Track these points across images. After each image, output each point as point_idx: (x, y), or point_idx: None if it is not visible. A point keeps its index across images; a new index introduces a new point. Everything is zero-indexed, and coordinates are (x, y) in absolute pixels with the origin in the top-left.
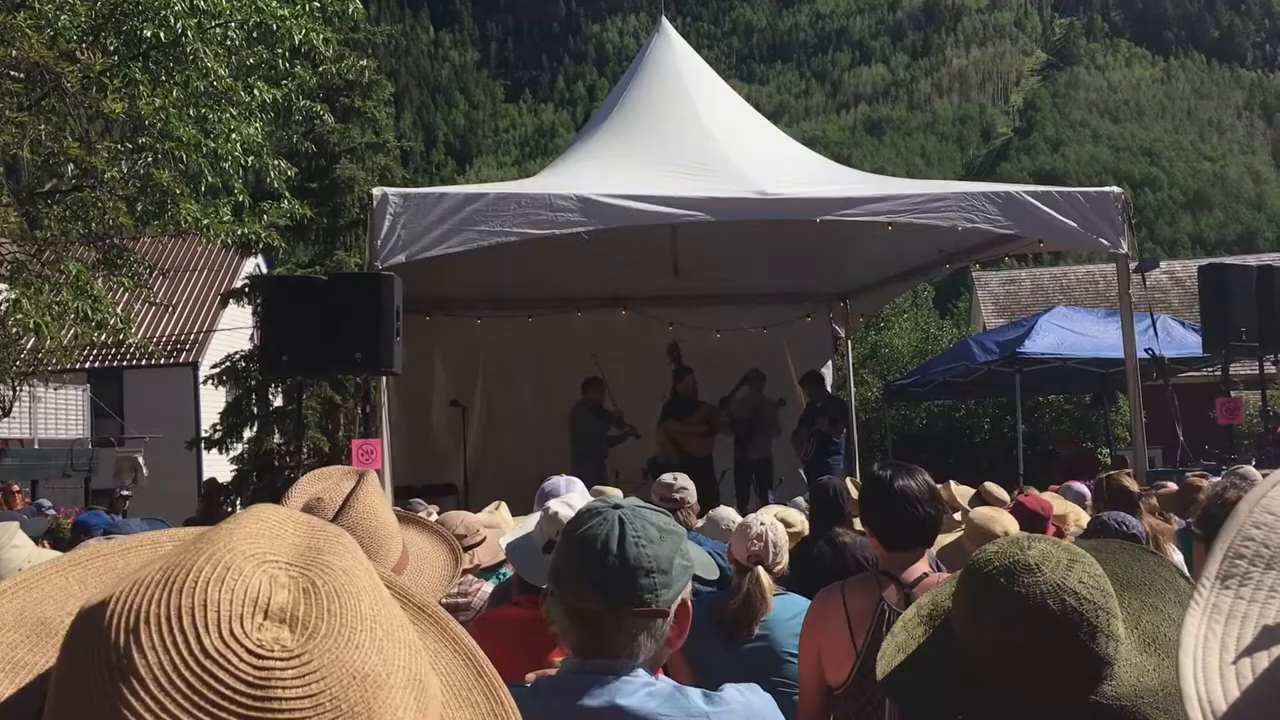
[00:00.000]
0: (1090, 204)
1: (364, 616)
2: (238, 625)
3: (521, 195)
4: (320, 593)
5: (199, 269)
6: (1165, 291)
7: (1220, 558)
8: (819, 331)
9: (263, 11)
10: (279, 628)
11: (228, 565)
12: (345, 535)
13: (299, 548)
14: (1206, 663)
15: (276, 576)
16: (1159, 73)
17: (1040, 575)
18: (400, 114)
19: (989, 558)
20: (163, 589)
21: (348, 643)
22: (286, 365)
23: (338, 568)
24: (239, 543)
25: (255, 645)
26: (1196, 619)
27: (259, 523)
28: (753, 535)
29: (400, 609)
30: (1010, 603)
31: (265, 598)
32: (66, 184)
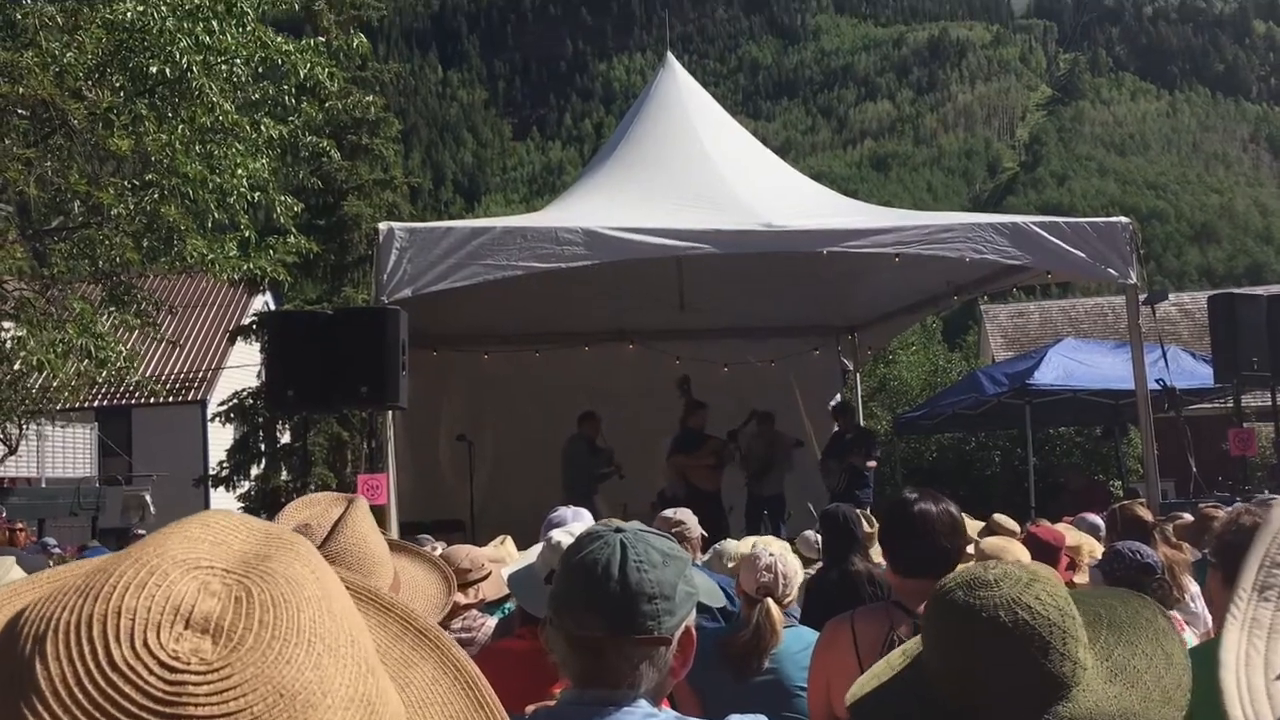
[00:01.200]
0: (1098, 234)
1: (301, 629)
2: (153, 635)
3: (527, 229)
4: (253, 602)
5: (207, 305)
6: (1175, 324)
7: (1256, 567)
8: (827, 364)
9: (268, 47)
10: (200, 638)
11: (152, 570)
12: (305, 544)
13: (244, 555)
14: (1252, 683)
15: (208, 583)
16: (1164, 106)
17: (997, 590)
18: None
19: (952, 577)
20: (79, 595)
21: (277, 656)
22: (292, 400)
23: (281, 575)
24: (173, 547)
25: (170, 657)
26: (1235, 634)
27: (203, 528)
28: (761, 566)
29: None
30: (964, 616)
31: (189, 606)
32: (73, 221)
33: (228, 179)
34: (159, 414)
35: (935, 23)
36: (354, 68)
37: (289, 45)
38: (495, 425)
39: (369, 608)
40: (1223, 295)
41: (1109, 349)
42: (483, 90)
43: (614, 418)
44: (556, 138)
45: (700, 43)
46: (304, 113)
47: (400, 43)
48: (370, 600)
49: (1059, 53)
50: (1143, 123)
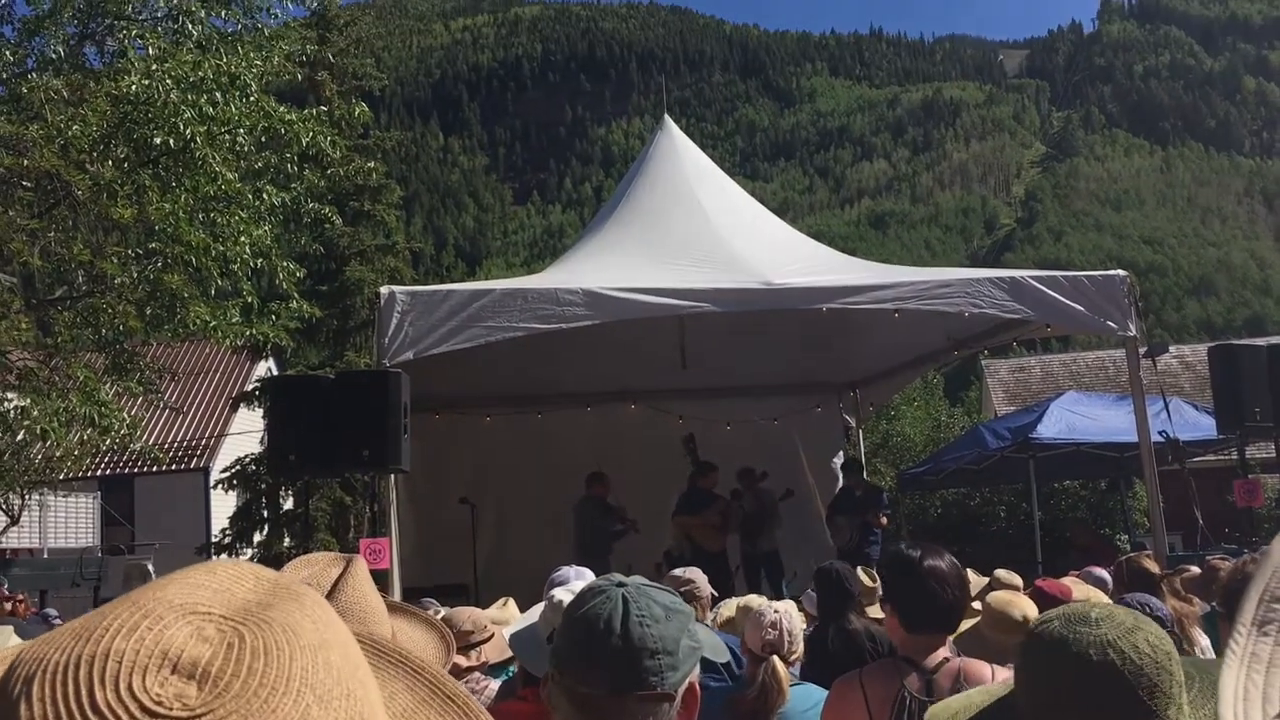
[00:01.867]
0: (1096, 287)
1: (291, 678)
2: (138, 678)
3: (528, 290)
4: (245, 648)
5: (210, 372)
6: (1176, 376)
7: (1256, 602)
8: (830, 421)
9: (271, 117)
10: (185, 684)
11: (146, 614)
12: (314, 596)
13: (245, 603)
14: (1250, 716)
15: (202, 629)
16: (1158, 162)
17: (1100, 629)
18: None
19: (1053, 614)
20: (74, 637)
21: (263, 705)
22: (294, 465)
23: (279, 623)
24: (172, 593)
25: (153, 701)
26: (1235, 668)
27: (208, 575)
28: (767, 624)
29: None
30: (1064, 651)
31: (179, 651)
32: (77, 291)
33: (230, 246)
34: (162, 482)
35: (929, 83)
36: (356, 136)
37: (292, 115)
38: (498, 488)
39: (398, 669)
40: (1223, 346)
41: (1111, 402)
42: (483, 156)
43: (617, 478)
44: (556, 201)
45: (697, 106)
46: (306, 180)
47: (401, 111)
48: (400, 662)
49: (1052, 111)
50: (1137, 178)
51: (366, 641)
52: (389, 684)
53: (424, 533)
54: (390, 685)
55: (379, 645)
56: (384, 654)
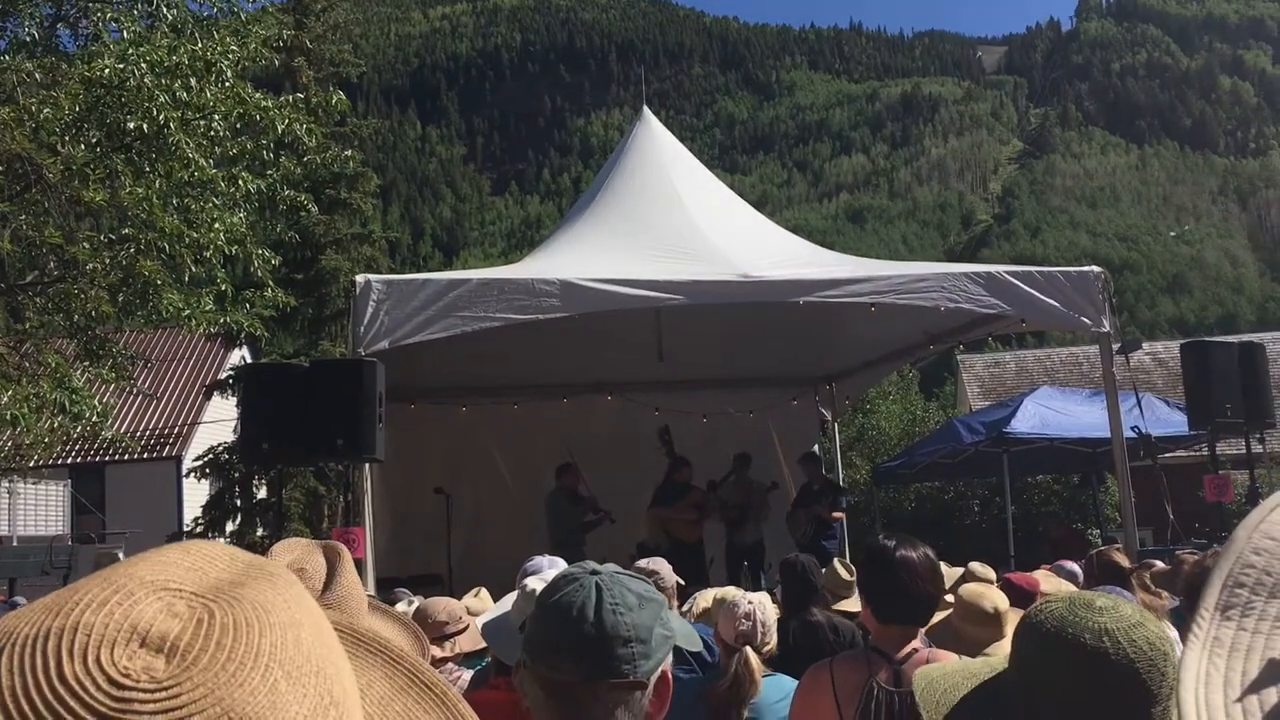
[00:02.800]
0: (1071, 283)
1: (260, 653)
2: (106, 651)
3: (504, 281)
4: (214, 623)
5: (183, 359)
6: (1149, 372)
7: (1219, 587)
8: (806, 414)
9: (246, 103)
10: (153, 657)
11: (117, 589)
12: (288, 576)
13: (218, 581)
14: (1210, 700)
15: (172, 605)
16: (1134, 160)
17: (1103, 617)
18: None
19: (1060, 595)
20: (44, 611)
21: (230, 679)
22: (267, 453)
23: (250, 600)
24: (144, 569)
25: (120, 674)
26: (1196, 652)
27: (182, 554)
28: (740, 615)
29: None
30: (1066, 635)
31: (148, 625)
32: (48, 276)
33: (204, 233)
34: (133, 470)
35: (908, 79)
36: (333, 124)
37: (267, 101)
38: (473, 479)
39: (377, 658)
40: (1195, 343)
41: (1084, 397)
42: (461, 146)
43: (593, 470)
44: (534, 192)
45: (677, 98)
46: (282, 167)
47: (379, 99)
48: (380, 650)
49: (1029, 108)
50: (1113, 176)
51: (345, 630)
52: (367, 672)
53: (398, 523)
54: (368, 674)
55: (358, 634)
56: (363, 642)
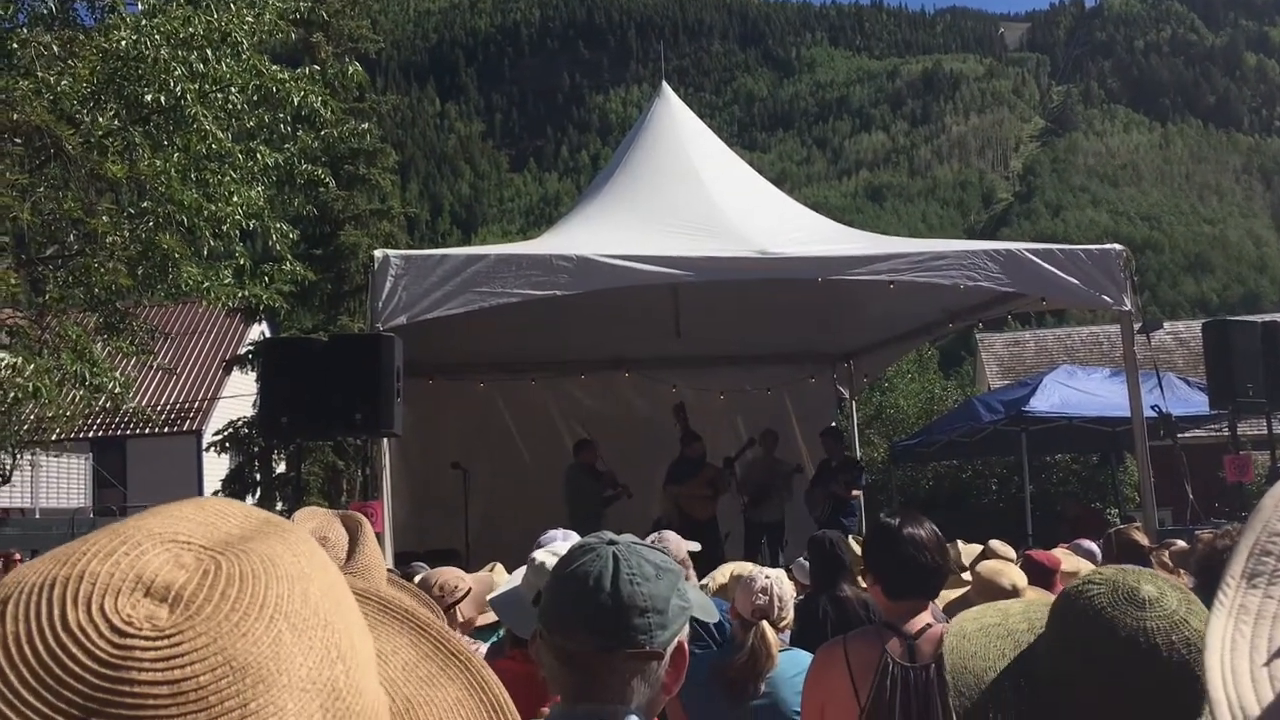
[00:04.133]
0: (1092, 261)
1: (265, 604)
2: (110, 600)
3: (522, 257)
4: (220, 574)
5: (204, 334)
6: (1170, 352)
7: (1246, 555)
8: (823, 392)
9: (263, 75)
10: (157, 606)
11: (125, 540)
12: (301, 532)
13: (228, 535)
14: (1236, 666)
15: (179, 556)
16: (1157, 138)
17: (1153, 611)
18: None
19: (1102, 579)
20: (54, 561)
21: (233, 628)
22: (286, 427)
23: (258, 553)
24: (155, 522)
25: (123, 622)
26: (1222, 620)
27: (196, 509)
28: (757, 589)
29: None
30: (1105, 627)
31: (153, 575)
32: (69, 249)
33: (222, 207)
34: (154, 444)
35: (929, 55)
36: (351, 99)
37: (284, 74)
38: (490, 454)
39: (405, 625)
40: (1217, 322)
41: (1104, 376)
42: (480, 122)
43: (610, 446)
44: (553, 169)
45: (696, 75)
46: (300, 141)
47: (398, 76)
48: (407, 618)
49: (1052, 85)
50: (1135, 154)
51: (373, 597)
52: (393, 639)
53: (416, 498)
54: (394, 640)
55: (385, 601)
56: (390, 610)
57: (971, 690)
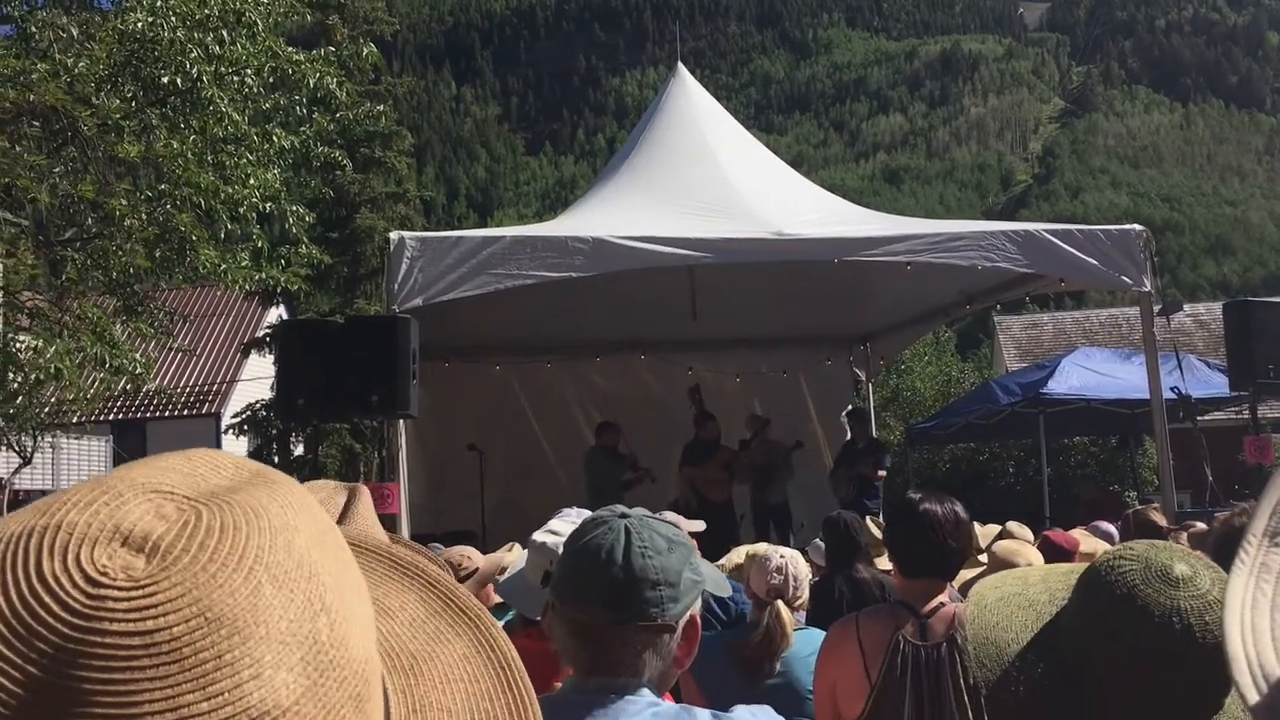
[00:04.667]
0: (1111, 242)
1: (245, 555)
2: (86, 550)
3: (537, 238)
4: (200, 525)
5: (222, 316)
6: (1189, 334)
7: (1268, 514)
8: (839, 374)
9: (279, 58)
10: (134, 556)
11: (105, 490)
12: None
13: (215, 487)
14: (1256, 625)
15: (161, 507)
16: (1178, 119)
17: (1187, 590)
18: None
19: (1133, 554)
20: (35, 511)
21: (210, 579)
22: (302, 409)
23: (242, 504)
24: (140, 473)
25: (97, 572)
26: (1243, 578)
27: (184, 460)
28: (772, 568)
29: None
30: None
31: (131, 525)
32: (87, 232)
33: (239, 189)
34: (173, 427)
35: (947, 36)
36: (367, 81)
37: (299, 55)
38: (507, 436)
39: (414, 581)
40: (1238, 302)
41: (1124, 358)
42: (496, 105)
43: (626, 428)
44: (569, 152)
45: (712, 57)
46: (316, 123)
47: (414, 59)
48: (417, 575)
49: (1072, 66)
50: (1156, 135)
51: (384, 553)
52: (401, 595)
53: (432, 480)
54: (402, 596)
55: (396, 557)
56: (400, 566)
57: (994, 663)
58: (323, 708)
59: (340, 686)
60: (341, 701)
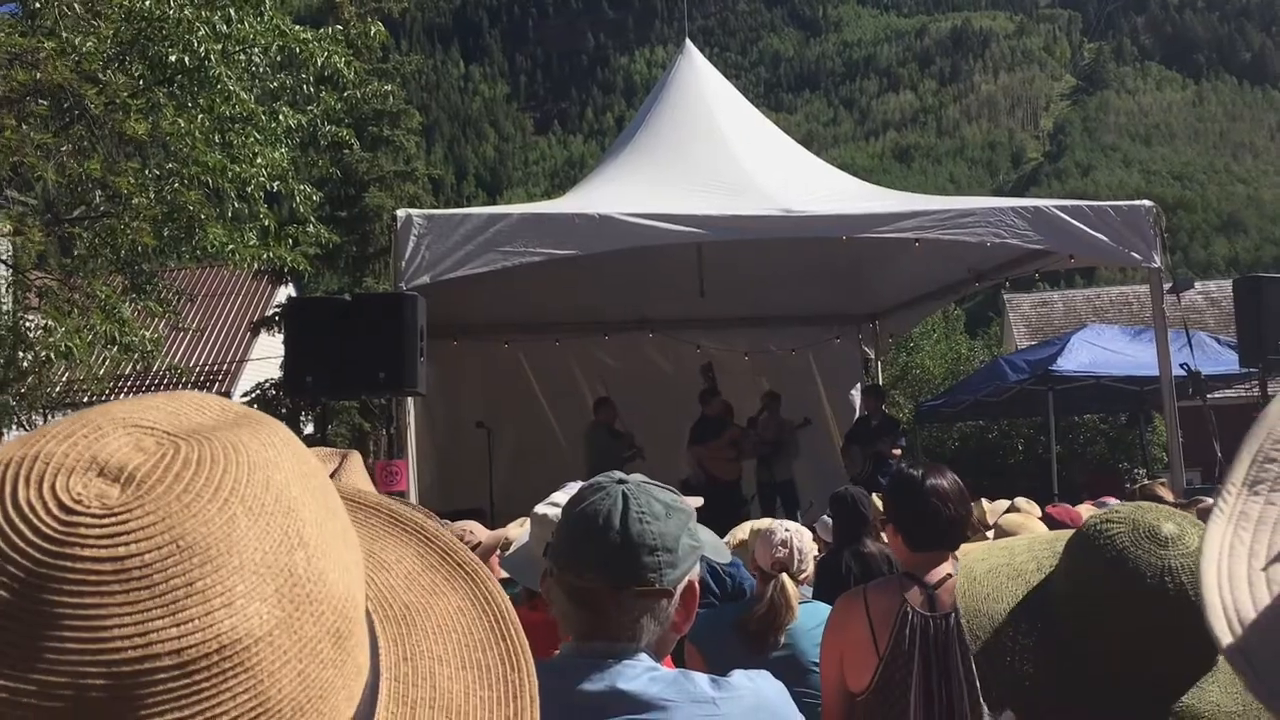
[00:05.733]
0: (1121, 218)
1: (221, 487)
2: (62, 479)
3: (544, 216)
4: (178, 458)
5: (231, 296)
6: (1201, 312)
7: (1248, 463)
8: (848, 352)
9: (286, 36)
10: (109, 486)
11: (86, 424)
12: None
13: (197, 425)
14: (1233, 571)
15: (140, 440)
16: (1190, 96)
17: (1169, 551)
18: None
19: (1120, 515)
20: (18, 444)
21: (184, 509)
22: (311, 386)
23: (222, 440)
24: (122, 409)
25: (72, 500)
26: (1221, 525)
27: (169, 400)
28: (777, 542)
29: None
30: (1126, 567)
31: (108, 456)
32: (95, 211)
33: (246, 168)
34: None
35: (958, 13)
36: (375, 60)
37: (307, 34)
38: (514, 414)
39: (413, 536)
40: (1249, 278)
41: (1133, 335)
42: (504, 84)
43: (635, 406)
44: (578, 131)
45: (721, 35)
46: (323, 102)
47: (422, 38)
48: (415, 530)
49: (1083, 42)
50: (1168, 112)
51: (384, 509)
52: (399, 549)
53: (441, 457)
54: (399, 550)
55: (395, 512)
56: (400, 521)
57: (987, 633)
58: (297, 640)
59: (317, 621)
60: (318, 636)
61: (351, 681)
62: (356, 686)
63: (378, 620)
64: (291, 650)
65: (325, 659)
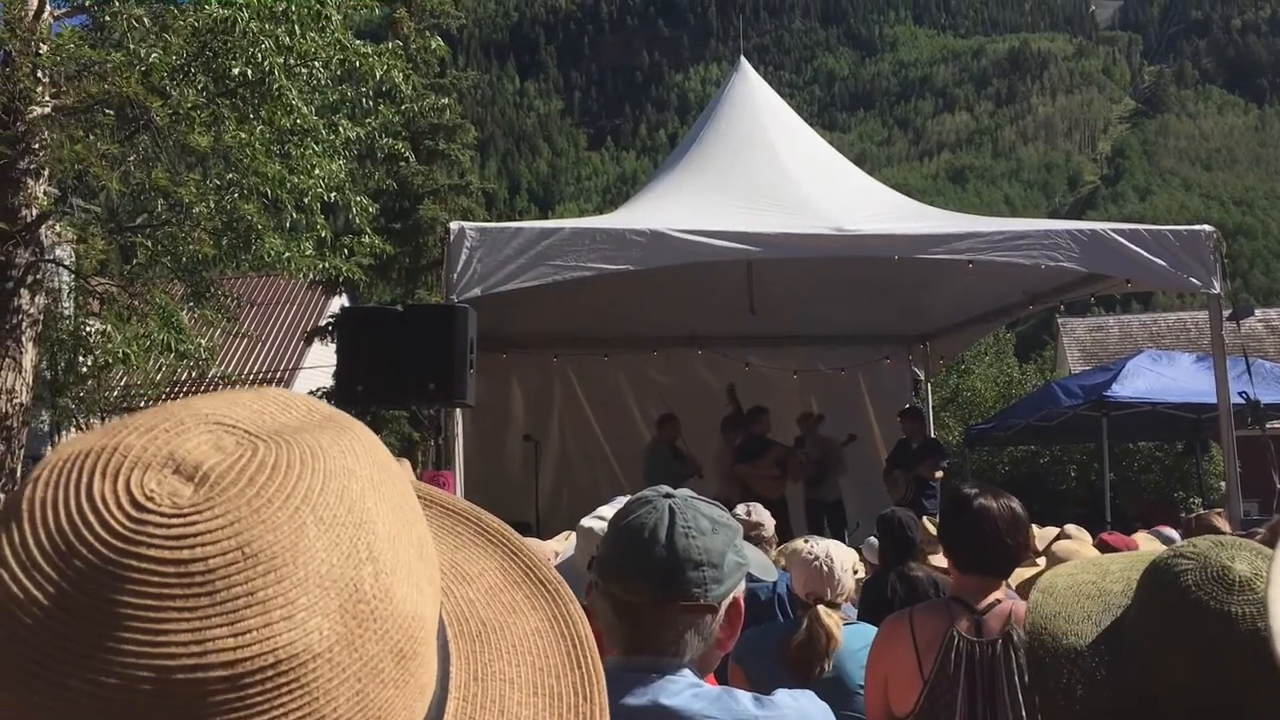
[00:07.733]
0: (1180, 243)
1: (293, 494)
2: (137, 473)
3: (595, 230)
4: (254, 460)
5: (286, 305)
6: (1260, 340)
7: None
8: (898, 373)
9: (347, 50)
10: (183, 484)
11: (169, 417)
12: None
13: (281, 425)
14: None
15: (221, 439)
16: (1252, 120)
17: (1255, 594)
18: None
19: (1189, 557)
20: (102, 433)
21: (254, 514)
22: (361, 395)
23: (303, 444)
24: (207, 404)
25: (144, 496)
26: None
27: (255, 397)
28: (810, 568)
29: (504, 572)
30: (1191, 614)
31: (186, 454)
32: (157, 219)
33: (304, 179)
34: None
35: (1016, 34)
36: (432, 74)
37: (367, 48)
38: (562, 427)
39: (498, 549)
40: None
41: (1190, 361)
42: (559, 100)
43: (682, 422)
44: (631, 148)
45: (776, 54)
46: (381, 115)
47: (479, 54)
48: (502, 543)
49: (1144, 65)
50: (1230, 137)
51: (471, 518)
52: (482, 560)
53: (488, 469)
54: (483, 562)
55: (483, 522)
56: (486, 531)
57: (1047, 651)
58: (359, 658)
59: (380, 639)
60: (380, 655)
61: (413, 702)
62: (419, 707)
63: (452, 636)
64: (351, 668)
65: (386, 678)
